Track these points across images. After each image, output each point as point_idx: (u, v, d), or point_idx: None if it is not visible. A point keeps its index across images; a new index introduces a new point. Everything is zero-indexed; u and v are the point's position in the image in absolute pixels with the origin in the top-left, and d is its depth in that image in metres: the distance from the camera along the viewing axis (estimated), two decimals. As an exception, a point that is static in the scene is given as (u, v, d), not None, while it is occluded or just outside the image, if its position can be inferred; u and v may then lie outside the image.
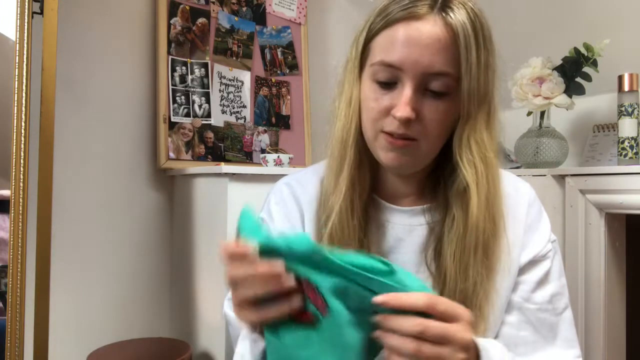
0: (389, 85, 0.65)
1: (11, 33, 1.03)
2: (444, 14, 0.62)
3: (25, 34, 1.02)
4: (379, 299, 0.49)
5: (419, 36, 0.62)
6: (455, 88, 0.63)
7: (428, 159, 0.69)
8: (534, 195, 0.77)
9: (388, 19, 0.65)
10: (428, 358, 0.49)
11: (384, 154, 0.67)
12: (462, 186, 0.67)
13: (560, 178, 1.24)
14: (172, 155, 1.37)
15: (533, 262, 0.71)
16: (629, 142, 1.17)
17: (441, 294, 0.67)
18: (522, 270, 0.71)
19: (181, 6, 1.42)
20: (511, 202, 0.71)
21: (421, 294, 0.50)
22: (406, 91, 0.63)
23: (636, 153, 1.17)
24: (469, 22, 0.62)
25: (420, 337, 0.49)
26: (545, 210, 0.77)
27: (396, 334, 0.50)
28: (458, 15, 0.62)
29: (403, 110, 0.62)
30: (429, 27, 0.62)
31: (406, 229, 0.73)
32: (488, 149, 0.65)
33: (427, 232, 0.72)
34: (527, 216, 0.73)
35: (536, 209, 0.75)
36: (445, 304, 0.51)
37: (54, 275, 1.07)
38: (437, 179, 0.72)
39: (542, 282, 0.71)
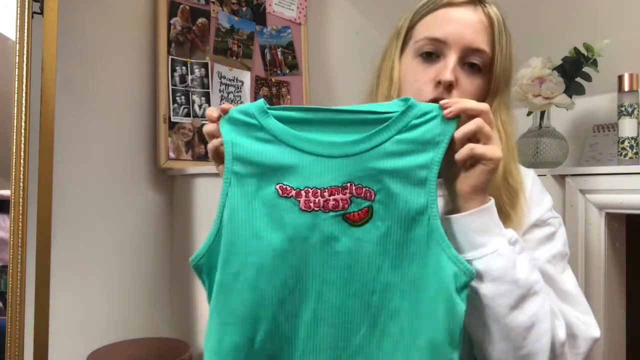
0: (432, 59, 0.74)
1: (11, 33, 1.03)
2: (481, 5, 0.74)
3: (25, 34, 1.02)
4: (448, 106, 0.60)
5: (462, 17, 0.73)
6: (488, 68, 0.74)
7: None
8: (536, 176, 0.83)
9: (431, 7, 0.76)
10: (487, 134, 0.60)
11: None
12: None
13: (560, 178, 1.24)
14: (172, 155, 1.37)
15: (535, 226, 0.75)
16: (629, 142, 1.16)
17: None
18: (524, 232, 0.75)
19: (181, 6, 1.42)
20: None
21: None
22: (450, 61, 0.72)
23: (636, 153, 1.17)
24: (500, 15, 0.75)
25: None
26: None
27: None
28: (493, 7, 0.75)
29: (448, 74, 0.71)
30: (470, 12, 0.74)
31: None
32: (509, 127, 0.74)
33: (442, 204, 0.74)
34: (532, 189, 0.78)
35: (539, 185, 0.81)
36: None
37: (54, 275, 1.07)
38: None
39: (544, 241, 0.75)
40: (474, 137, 0.60)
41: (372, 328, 0.61)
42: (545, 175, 1.25)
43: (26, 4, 1.03)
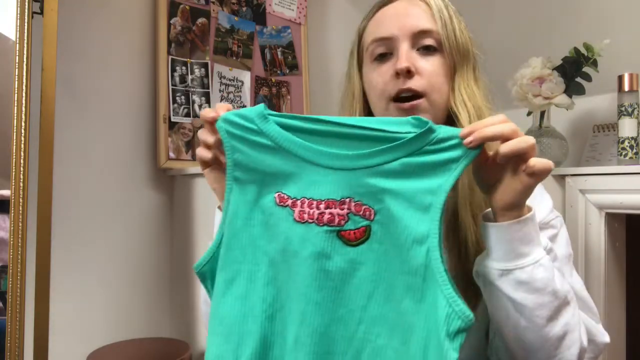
0: (386, 58, 0.75)
1: (11, 33, 1.03)
2: None
3: (25, 34, 1.02)
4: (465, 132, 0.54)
5: (397, 10, 0.75)
6: (442, 46, 0.74)
7: (442, 114, 0.74)
8: None
9: (369, 15, 0.79)
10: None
11: None
12: None
13: (560, 178, 1.24)
14: (172, 155, 1.37)
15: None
16: (629, 142, 1.17)
17: (459, 264, 0.68)
18: None
19: (181, 6, 1.42)
20: None
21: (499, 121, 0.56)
22: (401, 49, 0.73)
23: (636, 153, 1.17)
24: None
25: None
26: None
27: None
28: None
29: (401, 62, 0.71)
30: (403, 3, 0.76)
31: None
32: (479, 100, 0.73)
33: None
34: None
35: (538, 186, 0.77)
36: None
37: (54, 275, 1.07)
38: None
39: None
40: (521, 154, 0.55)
41: None
42: (545, 175, 1.25)
43: (26, 4, 1.03)
